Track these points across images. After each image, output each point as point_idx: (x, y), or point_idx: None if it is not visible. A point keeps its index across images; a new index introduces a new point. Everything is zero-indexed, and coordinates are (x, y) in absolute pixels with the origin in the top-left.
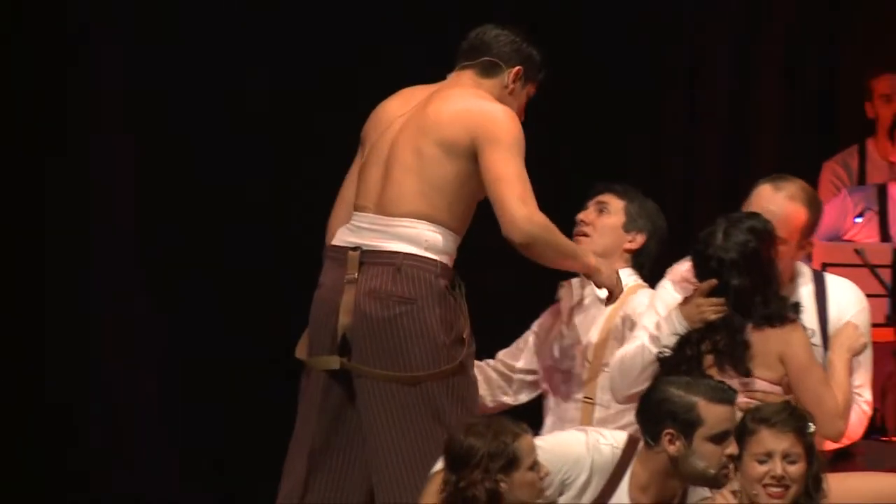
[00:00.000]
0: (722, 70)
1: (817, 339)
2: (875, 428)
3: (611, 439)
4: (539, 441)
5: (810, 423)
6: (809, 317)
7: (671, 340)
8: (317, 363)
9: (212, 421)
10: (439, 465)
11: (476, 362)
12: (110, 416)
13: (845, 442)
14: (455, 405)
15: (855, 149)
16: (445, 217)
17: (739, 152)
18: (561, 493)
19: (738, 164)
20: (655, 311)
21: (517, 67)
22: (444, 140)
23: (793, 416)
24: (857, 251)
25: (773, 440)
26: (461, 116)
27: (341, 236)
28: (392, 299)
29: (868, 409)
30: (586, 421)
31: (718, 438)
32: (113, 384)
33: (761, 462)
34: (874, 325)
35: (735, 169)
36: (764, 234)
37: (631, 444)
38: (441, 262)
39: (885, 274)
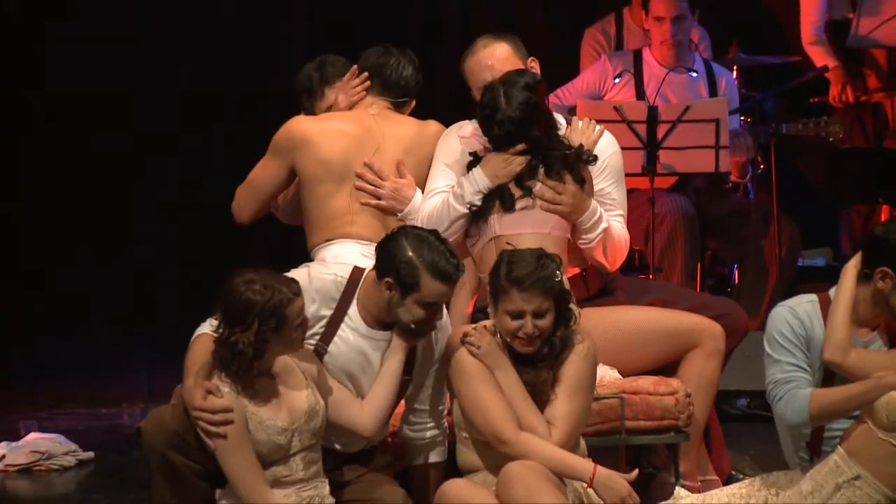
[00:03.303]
0: None
1: None
2: (634, 266)
3: (334, 269)
4: None
5: (558, 272)
6: None
7: (476, 198)
8: None
9: None
10: (205, 327)
11: None
12: None
13: (616, 265)
14: None
15: (613, 17)
16: None
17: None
18: None
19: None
20: (443, 164)
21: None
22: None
23: (541, 277)
24: (616, 108)
25: (523, 301)
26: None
27: None
28: None
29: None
30: None
31: (428, 305)
32: None
33: (513, 318)
34: (633, 175)
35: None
36: (536, 85)
37: (356, 272)
38: None
39: (641, 129)
